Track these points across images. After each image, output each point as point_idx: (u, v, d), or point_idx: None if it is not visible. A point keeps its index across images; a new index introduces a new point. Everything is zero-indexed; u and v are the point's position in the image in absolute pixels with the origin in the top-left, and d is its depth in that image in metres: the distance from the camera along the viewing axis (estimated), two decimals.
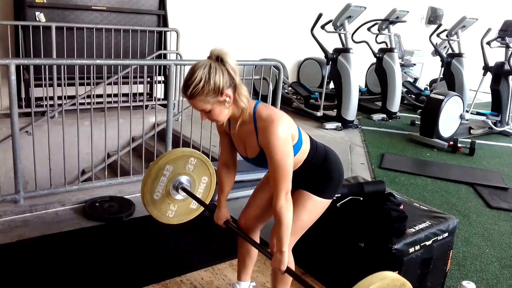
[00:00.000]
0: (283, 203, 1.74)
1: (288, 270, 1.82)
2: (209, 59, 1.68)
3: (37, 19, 5.00)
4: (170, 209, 2.41)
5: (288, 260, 1.82)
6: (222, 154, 2.07)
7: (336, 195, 2.59)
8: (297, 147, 1.85)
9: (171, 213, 2.43)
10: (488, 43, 7.00)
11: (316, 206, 1.97)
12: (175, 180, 2.34)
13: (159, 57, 5.80)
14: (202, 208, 2.52)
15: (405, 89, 8.37)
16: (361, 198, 2.64)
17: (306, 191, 1.94)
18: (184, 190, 2.35)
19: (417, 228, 2.46)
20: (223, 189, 2.12)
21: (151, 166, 2.31)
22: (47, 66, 4.59)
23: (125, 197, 3.58)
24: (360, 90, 7.38)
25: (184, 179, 2.37)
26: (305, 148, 1.91)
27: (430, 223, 2.53)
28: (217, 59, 1.66)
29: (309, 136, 1.98)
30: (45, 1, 5.05)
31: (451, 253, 2.71)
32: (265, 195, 2.11)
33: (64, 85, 4.41)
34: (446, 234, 2.57)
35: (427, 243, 2.45)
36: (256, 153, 1.84)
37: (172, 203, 2.40)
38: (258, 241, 2.23)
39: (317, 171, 1.95)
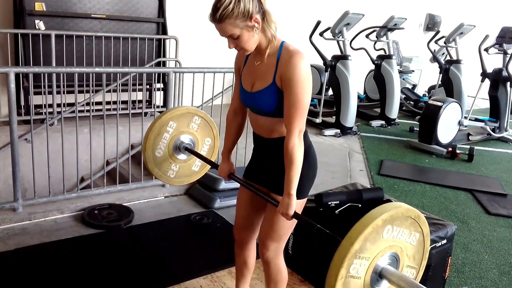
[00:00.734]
0: (295, 141, 1.69)
1: (296, 215, 1.75)
2: None
3: (37, 27, 5.02)
4: (171, 168, 2.34)
5: (295, 206, 1.73)
6: (234, 100, 2.01)
7: (334, 202, 2.61)
8: None
9: (172, 173, 2.36)
10: (486, 49, 7.04)
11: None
12: (178, 139, 2.28)
13: (158, 64, 5.82)
14: (204, 171, 2.44)
15: (404, 96, 8.40)
16: (360, 205, 2.64)
17: (279, 195, 1.81)
18: (187, 149, 2.29)
19: None
20: (230, 138, 2.06)
21: (154, 120, 2.25)
22: (46, 74, 4.60)
23: (124, 204, 3.58)
24: (358, 97, 7.40)
25: (187, 138, 2.30)
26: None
27: None
28: None
29: None
30: (45, 9, 5.08)
31: (449, 259, 2.71)
32: (245, 204, 2.04)
33: (63, 93, 4.43)
34: (445, 241, 2.57)
35: None
36: (263, 87, 1.75)
37: (174, 163, 2.33)
38: (254, 251, 2.19)
39: None
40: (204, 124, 2.34)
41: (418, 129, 6.27)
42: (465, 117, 6.53)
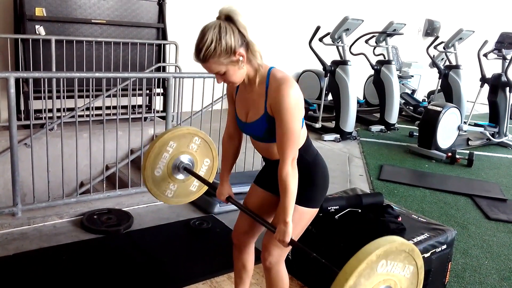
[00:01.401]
0: (289, 169, 1.69)
1: (292, 242, 1.76)
2: (218, 19, 1.63)
3: (37, 32, 5.03)
4: (169, 188, 2.35)
5: (291, 233, 1.75)
6: (228, 125, 2.02)
7: (334, 207, 2.61)
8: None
9: (170, 193, 2.36)
10: (485, 55, 7.05)
11: (303, 217, 1.90)
12: (177, 159, 2.29)
13: (158, 69, 5.83)
14: (202, 191, 2.45)
15: (403, 101, 8.41)
16: (360, 210, 2.64)
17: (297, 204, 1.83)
18: (186, 169, 2.29)
19: (415, 240, 2.46)
20: (226, 162, 2.08)
21: (155, 140, 2.26)
22: (46, 79, 4.61)
23: (123, 209, 3.57)
24: (358, 102, 7.41)
25: (186, 158, 2.31)
26: (303, 135, 1.86)
27: (428, 235, 2.53)
28: (227, 18, 1.62)
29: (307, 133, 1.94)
30: (45, 15, 5.09)
31: (449, 265, 2.71)
32: (253, 208, 2.04)
33: (63, 98, 4.43)
34: (445, 246, 2.57)
35: (426, 255, 2.45)
36: (258, 117, 1.77)
37: (172, 183, 2.33)
38: (253, 255, 2.20)
39: (304, 173, 1.84)
40: (203, 144, 2.36)
41: (417, 134, 6.28)
42: (465, 122, 6.53)
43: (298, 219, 1.87)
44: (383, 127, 7.31)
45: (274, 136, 1.75)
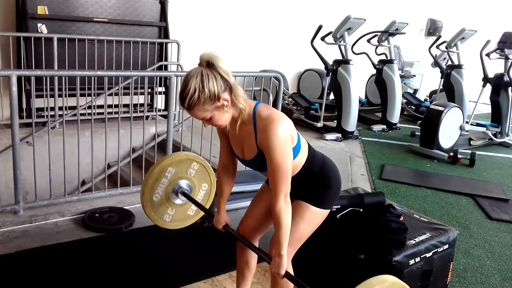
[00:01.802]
0: (282, 205, 1.72)
1: (287, 275, 1.80)
2: (199, 66, 1.66)
3: (39, 30, 5.03)
4: (167, 212, 2.39)
5: (287, 265, 1.80)
6: (222, 157, 2.05)
7: (335, 207, 2.61)
8: (295, 151, 1.83)
9: (168, 217, 2.40)
10: (488, 54, 7.04)
11: (314, 217, 1.95)
12: (176, 184, 2.32)
13: (160, 68, 5.83)
14: (199, 215, 2.49)
15: (405, 100, 8.40)
16: (361, 210, 2.63)
17: (305, 201, 1.93)
18: (184, 194, 2.33)
19: (417, 240, 2.46)
20: (222, 192, 2.10)
21: (154, 166, 2.30)
22: (48, 77, 4.61)
23: (125, 208, 3.57)
24: (360, 101, 7.41)
25: (184, 183, 2.34)
26: (303, 153, 1.90)
27: (430, 235, 2.52)
28: (208, 64, 1.64)
29: (308, 143, 1.97)
30: (47, 13, 5.09)
31: (451, 265, 2.70)
32: (262, 206, 2.10)
33: (65, 96, 4.43)
34: (447, 246, 2.56)
35: (428, 255, 2.44)
36: (254, 155, 1.81)
37: (171, 207, 2.37)
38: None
39: (315, 180, 1.93)
40: (201, 170, 2.39)
41: (419, 133, 6.26)
42: (467, 122, 6.52)
43: (310, 218, 1.94)
44: (384, 126, 7.31)
45: None
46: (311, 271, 2.67)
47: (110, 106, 5.01)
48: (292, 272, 2.05)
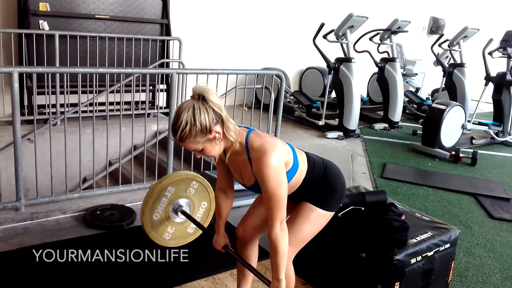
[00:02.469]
0: (278, 232, 1.74)
1: None
2: (192, 98, 1.68)
3: (41, 27, 5.03)
4: (167, 231, 2.42)
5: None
6: (219, 180, 2.07)
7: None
8: (293, 170, 1.85)
9: (167, 236, 2.44)
10: (490, 53, 7.02)
11: (319, 218, 1.96)
12: (175, 203, 2.36)
13: (161, 65, 5.83)
14: (198, 234, 2.52)
15: (407, 99, 8.37)
16: (363, 208, 2.63)
17: (310, 203, 1.93)
18: (184, 213, 2.37)
19: (418, 238, 2.45)
20: (220, 214, 2.12)
21: (154, 186, 2.33)
22: (50, 74, 4.61)
23: (126, 205, 3.57)
24: (362, 100, 7.39)
25: (183, 202, 2.38)
26: (303, 168, 1.91)
27: (432, 234, 2.52)
28: (200, 97, 1.66)
29: (306, 153, 1.98)
30: (49, 10, 5.09)
31: (453, 264, 2.70)
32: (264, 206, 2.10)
33: (67, 93, 4.44)
34: (448, 245, 2.56)
35: (429, 254, 2.44)
36: (253, 181, 1.84)
37: (170, 226, 2.40)
38: (257, 250, 2.23)
39: (319, 186, 1.95)
40: (201, 188, 2.41)
41: (421, 132, 6.25)
42: (469, 121, 6.50)
43: (314, 219, 1.95)
44: (386, 125, 7.29)
45: None
46: (313, 269, 2.67)
47: (111, 104, 5.02)
48: (293, 272, 2.05)
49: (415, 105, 8.43)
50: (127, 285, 2.60)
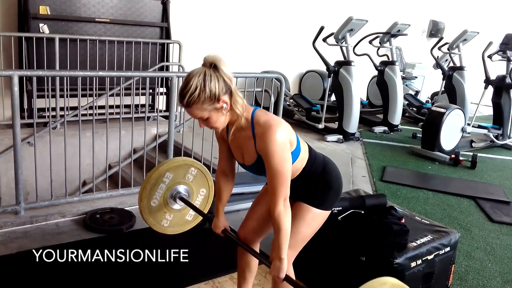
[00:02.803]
0: (281, 209, 1.73)
1: (287, 278, 1.79)
2: (203, 66, 1.67)
3: (41, 30, 5.03)
4: (165, 218, 2.39)
5: (287, 268, 1.80)
6: (221, 162, 2.06)
7: (337, 208, 2.60)
8: (295, 154, 1.83)
9: (166, 222, 2.40)
10: (490, 56, 7.03)
11: (315, 218, 1.95)
12: (174, 189, 2.33)
13: (161, 69, 5.83)
14: (197, 221, 2.49)
15: (407, 102, 8.38)
16: (363, 212, 2.63)
17: (305, 203, 1.93)
18: (182, 199, 2.33)
19: (418, 242, 2.45)
20: (221, 197, 2.11)
21: (151, 172, 2.30)
22: (50, 77, 4.61)
23: (126, 208, 3.57)
24: (361, 103, 7.39)
25: (182, 188, 2.35)
26: (304, 156, 1.90)
27: (432, 237, 2.52)
28: (211, 66, 1.66)
29: (308, 145, 1.97)
30: (49, 13, 5.09)
31: (453, 267, 2.70)
32: (263, 208, 2.09)
33: (67, 96, 4.44)
34: (448, 249, 2.56)
35: (429, 257, 2.44)
36: (254, 160, 1.82)
37: (168, 212, 2.37)
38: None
39: (316, 181, 1.93)
40: (199, 175, 2.38)
41: (421, 135, 6.25)
42: (468, 124, 6.51)
43: (311, 220, 1.94)
44: (386, 128, 7.29)
45: None
46: (312, 273, 2.66)
47: (111, 107, 5.01)
48: (293, 275, 2.05)
49: (414, 108, 8.43)
50: (127, 287, 2.59)
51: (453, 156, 5.75)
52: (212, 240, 3.23)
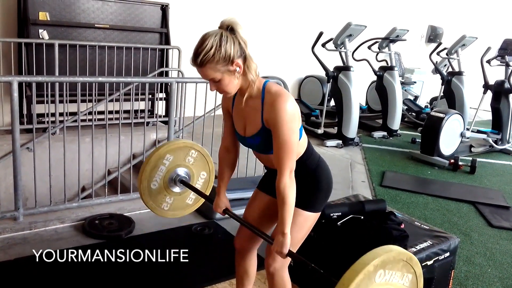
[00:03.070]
0: (287, 181, 1.70)
1: (290, 254, 1.76)
2: (220, 28, 1.66)
3: (41, 36, 5.04)
4: (165, 201, 2.35)
5: (289, 244, 1.75)
6: (225, 138, 2.03)
7: (336, 214, 2.60)
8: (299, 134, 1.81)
9: (166, 206, 2.37)
10: (488, 61, 7.05)
11: (306, 221, 1.92)
12: (174, 172, 2.29)
13: (161, 74, 5.84)
14: (198, 204, 2.46)
15: (406, 107, 8.40)
16: (362, 217, 2.63)
17: (296, 207, 1.84)
18: (183, 182, 2.30)
19: (418, 247, 2.45)
20: (223, 175, 2.08)
21: (151, 153, 2.27)
22: (49, 83, 4.61)
23: (125, 214, 3.56)
24: (360, 108, 7.41)
25: (182, 171, 2.31)
26: (303, 143, 1.88)
27: (431, 243, 2.52)
28: (228, 28, 1.65)
29: (308, 139, 1.95)
30: (49, 19, 5.10)
31: (452, 273, 2.69)
32: (254, 214, 2.07)
33: (66, 102, 4.44)
34: (448, 254, 2.55)
35: (429, 262, 2.43)
36: (256, 131, 1.79)
37: (169, 195, 2.34)
38: (255, 261, 2.20)
39: (307, 179, 1.89)
40: (200, 157, 2.36)
41: (420, 140, 6.26)
42: (467, 129, 6.51)
43: (302, 222, 1.91)
44: (385, 133, 7.30)
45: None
46: (310, 278, 2.66)
47: (110, 112, 5.02)
48: (289, 279, 2.04)
49: (414, 113, 8.45)
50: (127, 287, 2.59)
51: (452, 161, 5.75)
52: (211, 246, 3.24)
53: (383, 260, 1.40)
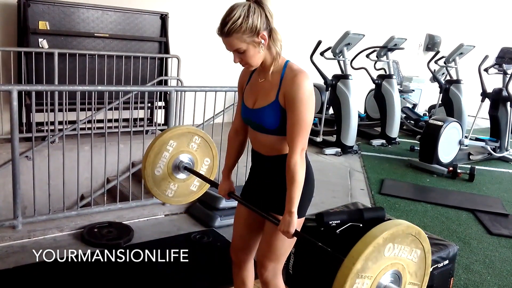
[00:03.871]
0: (297, 159, 1.69)
1: (297, 233, 1.74)
2: (247, 1, 1.67)
3: (40, 45, 5.07)
4: (170, 188, 2.34)
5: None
6: (236, 118, 2.01)
7: (335, 222, 2.60)
8: None
9: (170, 192, 2.36)
10: (486, 69, 7.08)
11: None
12: (177, 158, 2.29)
13: (160, 83, 5.86)
14: (202, 191, 2.44)
15: (404, 115, 8.42)
16: (361, 225, 2.63)
17: (281, 215, 1.78)
18: (187, 168, 2.29)
19: None
20: (230, 158, 2.06)
21: (154, 139, 2.26)
22: (49, 92, 4.63)
23: (124, 222, 3.56)
24: (359, 116, 7.43)
25: (186, 158, 2.31)
26: None
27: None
28: (256, 1, 1.66)
29: None
30: (49, 28, 5.13)
31: (452, 280, 2.69)
32: (242, 224, 2.05)
33: (65, 111, 4.44)
34: (447, 262, 2.55)
35: None
36: (266, 103, 1.75)
37: (173, 182, 2.33)
38: (253, 272, 2.17)
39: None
40: (203, 144, 2.35)
41: (418, 148, 6.27)
42: (466, 137, 6.53)
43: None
44: (384, 141, 7.31)
45: (279, 127, 1.75)
46: (310, 286, 2.65)
47: (110, 121, 5.02)
48: (283, 286, 2.02)
49: (412, 121, 8.46)
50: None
51: (451, 168, 5.76)
52: (210, 254, 3.23)
53: (392, 233, 1.39)
